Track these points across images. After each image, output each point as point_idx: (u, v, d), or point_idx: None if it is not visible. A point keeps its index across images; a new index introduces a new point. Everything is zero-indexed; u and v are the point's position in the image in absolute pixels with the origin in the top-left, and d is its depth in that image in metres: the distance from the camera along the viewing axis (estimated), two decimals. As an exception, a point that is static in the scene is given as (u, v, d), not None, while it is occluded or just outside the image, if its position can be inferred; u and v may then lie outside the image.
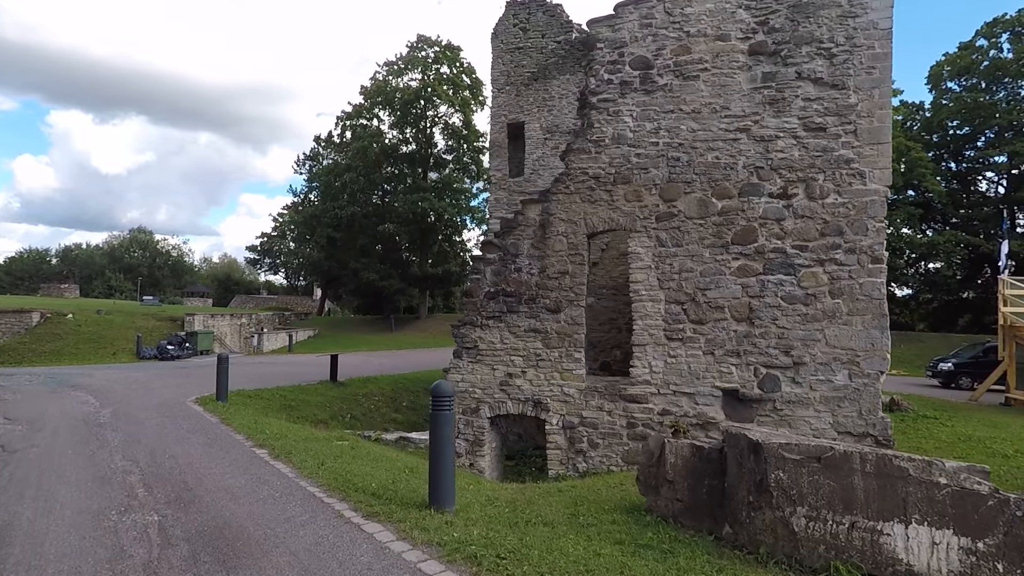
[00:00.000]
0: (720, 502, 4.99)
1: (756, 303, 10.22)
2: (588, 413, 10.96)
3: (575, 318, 11.13)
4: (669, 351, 10.60)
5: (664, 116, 10.81)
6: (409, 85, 42.98)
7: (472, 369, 11.69)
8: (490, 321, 11.60)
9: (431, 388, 5.43)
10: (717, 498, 5.02)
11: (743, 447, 4.79)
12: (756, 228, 10.29)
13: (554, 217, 11.33)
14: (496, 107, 21.23)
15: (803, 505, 4.34)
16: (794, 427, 9.92)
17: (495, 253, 11.68)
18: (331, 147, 58.13)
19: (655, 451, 5.56)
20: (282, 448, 7.60)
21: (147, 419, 10.19)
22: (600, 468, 10.83)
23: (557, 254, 11.28)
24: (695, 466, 5.21)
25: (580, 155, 11.24)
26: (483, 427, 11.56)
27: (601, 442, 10.87)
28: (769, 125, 10.29)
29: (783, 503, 4.39)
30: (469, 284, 11.86)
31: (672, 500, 5.25)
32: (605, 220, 11.07)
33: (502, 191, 20.84)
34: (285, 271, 70.87)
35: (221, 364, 12.56)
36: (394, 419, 17.69)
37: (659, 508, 5.33)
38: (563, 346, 11.16)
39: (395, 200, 42.50)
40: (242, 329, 34.74)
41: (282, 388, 16.68)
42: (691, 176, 10.64)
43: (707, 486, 5.10)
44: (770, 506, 4.45)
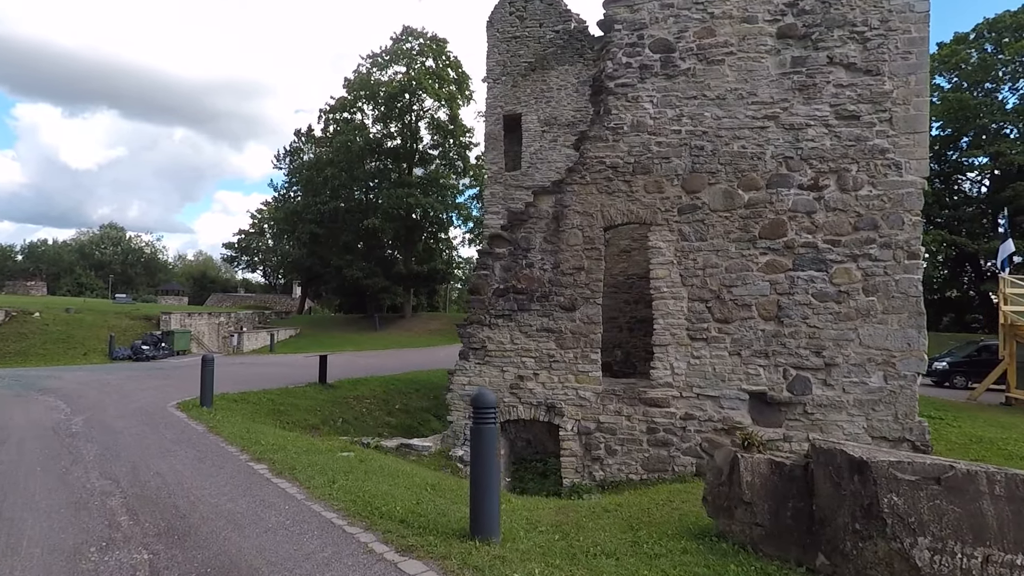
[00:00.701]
0: (809, 527, 4.34)
1: (785, 301, 9.66)
2: (605, 418, 10.30)
3: (591, 317, 10.46)
4: (692, 352, 9.99)
5: (687, 102, 10.19)
6: (394, 78, 41.94)
7: (479, 371, 10.95)
8: (499, 320, 10.87)
9: (471, 399, 4.69)
10: (804, 523, 4.37)
11: (840, 465, 4.14)
12: (785, 221, 9.73)
13: (568, 209, 10.63)
14: (492, 98, 20.50)
15: (925, 535, 3.70)
16: (826, 432, 9.39)
17: (504, 247, 10.95)
18: (312, 141, 56.72)
19: (723, 467, 4.89)
20: (283, 462, 6.78)
21: (125, 428, 9.23)
22: (618, 476, 10.18)
23: (572, 248, 10.59)
24: (775, 485, 4.56)
25: (596, 143, 10.56)
26: (492, 433, 10.78)
27: (619, 449, 10.22)
28: (799, 113, 9.74)
29: (901, 532, 3.75)
30: (476, 280, 11.11)
31: (750, 524, 4.59)
32: (623, 212, 10.42)
33: (498, 185, 20.12)
34: (264, 269, 69.08)
35: (206, 366, 11.60)
36: (387, 423, 16.84)
37: (734, 533, 4.66)
38: (578, 346, 10.48)
39: (379, 196, 41.42)
40: (221, 328, 33.40)
41: (269, 391, 15.71)
42: (716, 166, 10.04)
43: (792, 509, 4.45)
44: (883, 535, 3.80)
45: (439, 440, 11.31)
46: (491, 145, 20.31)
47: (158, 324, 29.39)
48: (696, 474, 9.85)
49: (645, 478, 10.07)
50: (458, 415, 11.04)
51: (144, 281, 65.68)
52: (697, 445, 9.91)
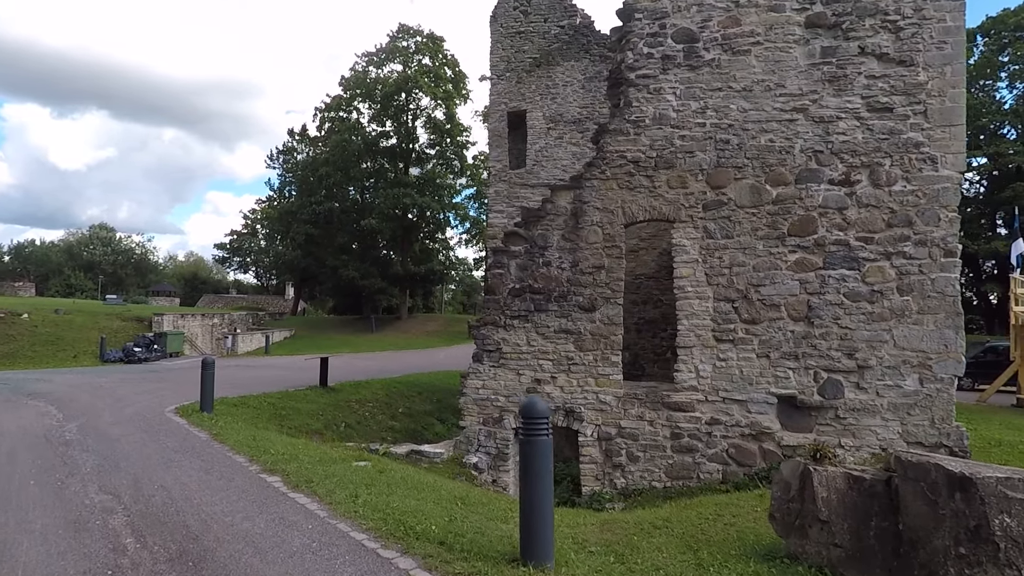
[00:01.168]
0: (896, 549, 3.93)
1: (816, 301, 9.29)
2: (627, 423, 9.88)
3: (612, 317, 10.04)
4: (718, 354, 9.59)
5: (711, 94, 9.80)
6: (390, 76, 41.38)
7: (494, 374, 10.49)
8: (515, 321, 10.42)
9: (520, 407, 4.25)
10: (890, 544, 3.96)
11: (936, 481, 3.73)
12: (815, 218, 9.35)
13: (588, 205, 10.21)
14: (496, 95, 20.07)
15: (1045, 561, 3.28)
16: (859, 437, 9.02)
17: (520, 245, 10.51)
18: (306, 141, 56.04)
19: (792, 481, 4.47)
20: (298, 474, 6.29)
21: (123, 435, 8.70)
22: (640, 484, 9.77)
23: (591, 246, 10.17)
24: (855, 502, 4.14)
25: (617, 137, 10.15)
26: (507, 439, 10.37)
27: (642, 455, 9.80)
28: (829, 105, 9.37)
29: (1017, 559, 3.33)
30: (490, 279, 10.66)
31: (827, 545, 4.17)
32: (646, 209, 10.01)
33: (502, 183, 19.69)
34: (256, 270, 68.16)
35: (206, 370, 11.08)
36: (391, 427, 16.35)
37: (809, 555, 4.24)
38: (598, 348, 10.05)
39: (376, 196, 40.83)
40: (214, 330, 32.71)
41: (269, 395, 15.17)
42: (742, 160, 9.66)
43: (875, 528, 4.03)
44: (996, 562, 3.40)
45: (451, 446, 10.85)
46: (495, 142, 19.88)
47: (150, 325, 28.70)
48: (722, 481, 9.46)
49: (669, 486, 9.66)
50: (471, 420, 10.58)
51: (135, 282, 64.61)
52: (723, 451, 9.51)
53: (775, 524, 4.52)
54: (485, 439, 10.47)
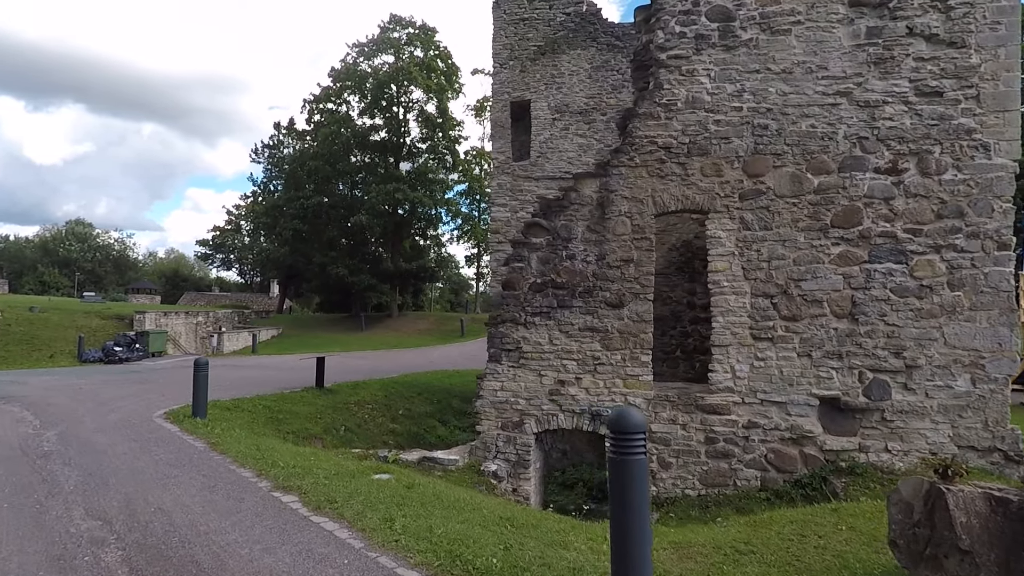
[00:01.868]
0: (1060, 587, 3.29)
1: (860, 296, 8.73)
2: (658, 427, 9.24)
3: (641, 314, 9.38)
4: (756, 353, 8.99)
5: (748, 77, 9.18)
6: (381, 68, 40.32)
7: (514, 375, 9.79)
8: (536, 318, 9.72)
9: (609, 420, 3.56)
10: (1052, 581, 3.32)
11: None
12: (860, 209, 8.79)
13: (615, 194, 9.54)
14: (498, 83, 19.31)
15: None
16: (907, 441, 8.48)
17: (542, 237, 9.80)
18: (293, 135, 54.69)
19: (914, 503, 3.83)
20: (316, 492, 5.53)
21: (109, 446, 7.83)
22: (673, 492, 9.14)
23: (619, 238, 9.50)
24: (1002, 529, 3.51)
25: (646, 121, 9.49)
26: (528, 445, 9.67)
27: (674, 461, 9.17)
28: (875, 88, 8.80)
29: None
30: (509, 274, 9.95)
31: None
32: (678, 198, 9.37)
33: (505, 175, 18.95)
34: (240, 267, 66.53)
35: (199, 371, 10.20)
36: (391, 430, 15.58)
37: (947, 593, 3.59)
38: (626, 347, 9.40)
39: (366, 191, 39.76)
40: (198, 328, 31.52)
41: (263, 397, 14.29)
42: (781, 147, 9.06)
43: (1031, 561, 3.39)
44: None
45: (465, 452, 10.12)
46: (498, 133, 19.14)
47: (131, 324, 27.48)
48: (761, 488, 8.87)
49: (703, 494, 9.04)
50: (489, 424, 9.86)
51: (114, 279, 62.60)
52: (762, 457, 8.91)
53: (898, 553, 3.88)
54: (504, 445, 9.76)
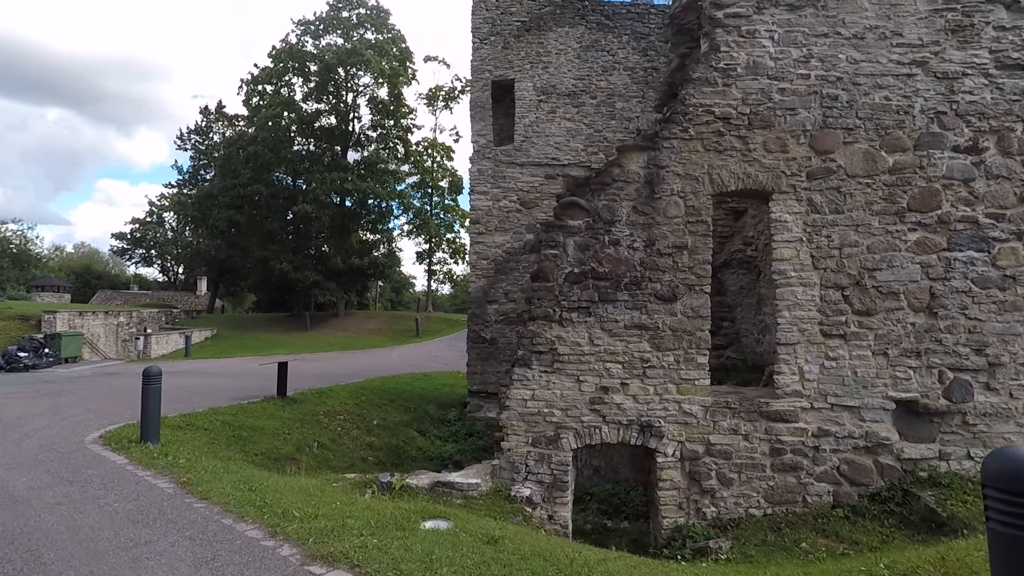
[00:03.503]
0: None
1: (939, 288, 7.89)
2: (717, 438, 8.05)
3: (697, 309, 8.16)
4: (827, 351, 7.97)
5: (816, 41, 8.16)
6: (328, 49, 37.48)
7: (547, 382, 8.32)
8: (574, 314, 8.30)
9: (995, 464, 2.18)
10: None
11: None
12: (939, 191, 7.95)
13: (666, 171, 8.27)
14: (478, 60, 17.76)
15: None
16: (990, 446, 7.69)
17: (580, 219, 8.39)
18: (222, 119, 50.54)
19: None
20: (370, 561, 3.86)
21: (33, 490, 5.74)
22: (735, 512, 7.97)
23: (671, 221, 8.24)
24: None
25: (702, 88, 8.27)
26: (565, 463, 8.23)
27: (736, 477, 8.01)
28: (953, 59, 7.99)
29: None
30: (541, 263, 8.46)
31: None
32: (738, 176, 8.21)
33: (486, 160, 17.45)
34: (162, 263, 60.91)
35: (150, 384, 8.06)
36: (370, 444, 13.74)
37: None
38: (680, 347, 8.15)
39: (310, 180, 36.85)
40: (120, 330, 27.88)
41: (218, 411, 12.10)
42: (853, 121, 8.09)
43: None
44: None
45: (487, 473, 8.54)
46: (478, 115, 17.57)
47: (39, 326, 23.78)
48: (835, 504, 7.86)
49: (769, 513, 7.94)
50: (517, 440, 8.34)
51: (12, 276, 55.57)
52: (834, 468, 7.91)
53: None
54: (535, 464, 8.27)
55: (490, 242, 17.19)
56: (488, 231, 17.23)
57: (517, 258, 16.98)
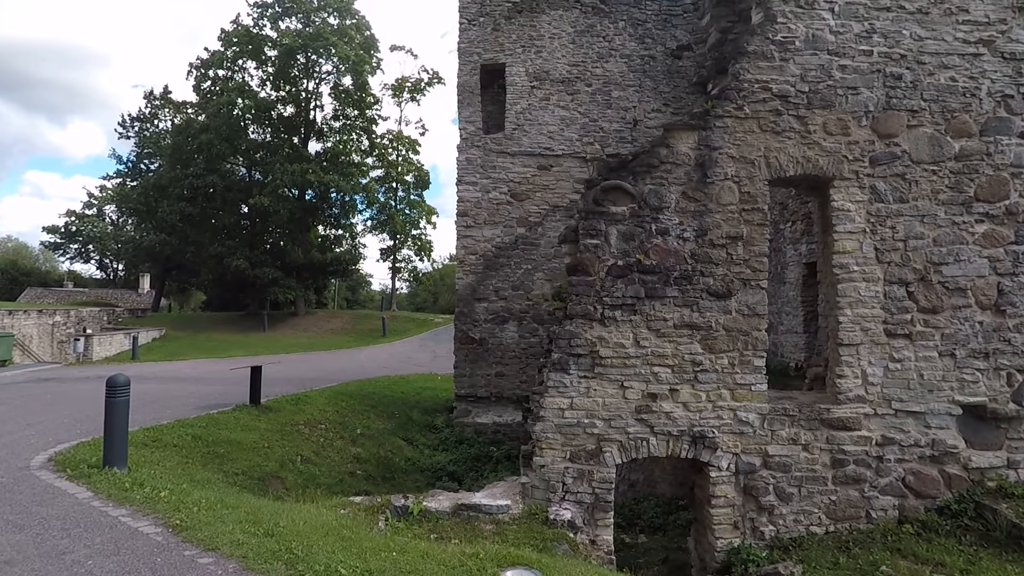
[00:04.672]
0: None
1: (1007, 283, 7.37)
2: (776, 449, 7.28)
3: (753, 306, 7.37)
4: (891, 352, 7.33)
5: (878, 15, 7.50)
6: (287, 33, 35.27)
7: (587, 388, 7.35)
8: (617, 312, 7.36)
9: None
10: None
11: None
12: (1007, 179, 7.43)
13: (719, 153, 7.44)
14: (466, 43, 16.67)
15: None
16: (1059, 453, 7.23)
17: (624, 205, 7.45)
18: (168, 105, 47.30)
19: None
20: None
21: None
22: (795, 531, 7.23)
23: (725, 209, 7.41)
24: None
25: (757, 62, 7.49)
26: (608, 480, 7.29)
27: (795, 492, 7.26)
28: (1020, 39, 7.49)
29: None
30: (579, 254, 7.47)
31: None
32: (797, 160, 7.46)
33: (475, 149, 16.39)
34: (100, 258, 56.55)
35: (116, 396, 6.63)
36: (356, 456, 12.45)
37: None
38: (735, 349, 7.34)
39: (269, 171, 34.59)
40: (56, 330, 25.23)
41: (185, 422, 10.58)
42: (917, 102, 7.48)
43: None
44: None
45: (516, 493, 7.49)
46: (466, 100, 16.47)
47: (-41, 326, 21.09)
48: (901, 520, 7.23)
49: (832, 531, 7.23)
50: (553, 455, 7.33)
51: (-75, 271, 50.25)
52: (899, 480, 7.28)
53: None
54: (574, 482, 7.28)
55: (479, 236, 16.13)
56: (477, 224, 16.17)
57: (508, 253, 15.99)
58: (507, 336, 16.10)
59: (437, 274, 57.05)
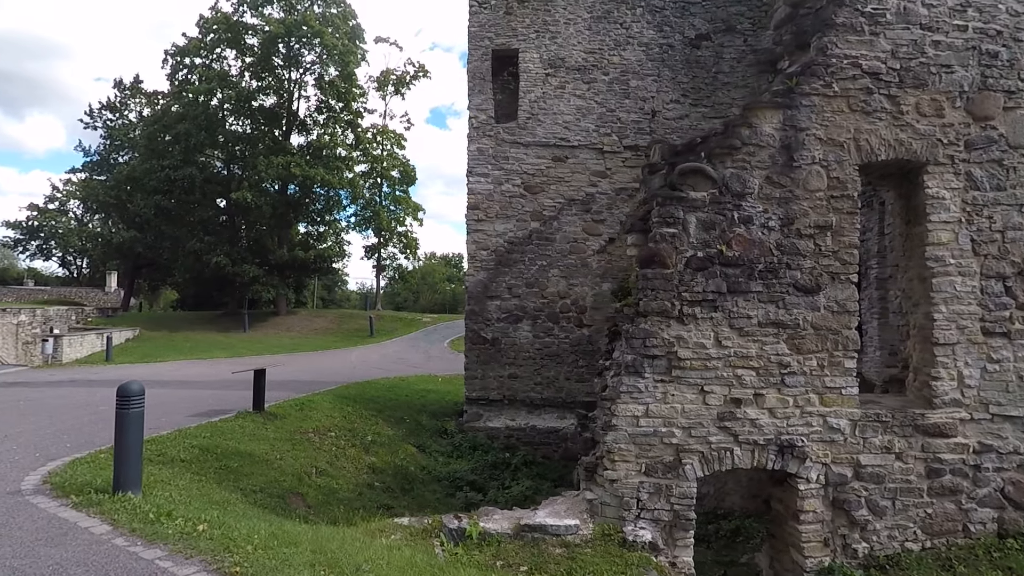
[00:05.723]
0: None
1: (1107, 278, 6.89)
2: (868, 458, 6.66)
3: (843, 302, 6.73)
4: (989, 352, 6.78)
5: (973, -13, 6.96)
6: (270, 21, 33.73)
7: (664, 394, 6.60)
8: (696, 309, 6.64)
9: None
10: None
11: None
12: (1106, 167, 6.96)
13: (806, 134, 6.78)
14: (476, 27, 15.83)
15: None
16: None
17: (704, 190, 6.73)
18: (139, 95, 45.10)
19: None
20: None
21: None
22: (889, 548, 6.62)
23: (812, 196, 6.75)
24: None
25: (846, 36, 6.85)
26: (689, 496, 6.55)
27: (888, 505, 6.65)
28: (1119, 17, 7.03)
29: None
30: (653, 245, 6.71)
31: None
32: (888, 143, 6.85)
33: (487, 139, 15.57)
34: (64, 255, 53.60)
35: (128, 406, 5.64)
36: (371, 466, 11.49)
37: None
38: (824, 349, 6.69)
39: (250, 164, 32.96)
40: (20, 330, 23.43)
41: (187, 432, 9.52)
42: (1014, 83, 6.95)
43: None
44: None
45: (584, 511, 6.70)
46: (477, 87, 15.62)
47: (-87, 326, 19.29)
48: (1001, 534, 6.68)
49: (928, 546, 6.64)
50: (627, 468, 6.56)
51: None
52: (998, 491, 6.73)
53: None
54: (650, 498, 6.53)
55: (490, 230, 15.30)
56: (488, 218, 15.34)
57: (522, 249, 15.20)
58: (521, 336, 15.29)
59: (419, 273, 55.81)
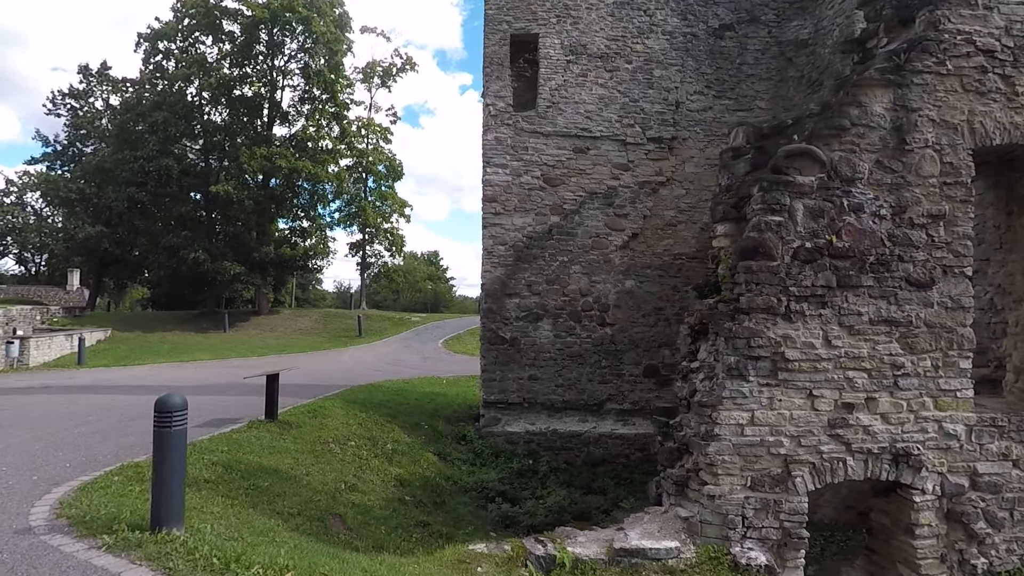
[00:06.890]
0: None
1: None
2: (985, 466, 6.15)
3: (958, 298, 6.21)
4: (1106, 352, 6.35)
5: (1087, -39, 6.52)
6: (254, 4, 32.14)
7: (770, 399, 5.97)
8: (804, 305, 6.02)
9: None
10: None
11: None
12: None
13: (918, 115, 6.23)
14: (494, 9, 15.08)
15: None
16: None
17: (812, 175, 6.11)
18: (106, 82, 42.75)
19: None
20: None
21: None
22: (1009, 562, 6.13)
23: (925, 182, 6.21)
24: None
25: (959, 10, 6.33)
26: (799, 512, 5.94)
27: (1007, 517, 6.16)
28: None
29: None
30: (756, 236, 6.07)
31: None
32: (1003, 127, 6.35)
33: (505, 127, 14.84)
34: (20, 252, 50.55)
35: (170, 424, 4.71)
36: (398, 478, 10.63)
37: None
38: (938, 348, 6.15)
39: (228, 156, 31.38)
40: (-18, 332, 21.63)
41: (198, 445, 8.49)
42: None
43: None
44: None
45: (680, 530, 6.02)
46: (494, 73, 14.86)
47: None
48: (1120, 545, 6.24)
49: (1047, 561, 6.17)
50: (731, 482, 5.91)
51: None
52: (1115, 499, 6.30)
53: None
54: (756, 515, 5.89)
55: (508, 224, 14.55)
56: (506, 211, 14.58)
57: (542, 244, 14.49)
58: (541, 335, 14.56)
59: (402, 271, 54.60)
